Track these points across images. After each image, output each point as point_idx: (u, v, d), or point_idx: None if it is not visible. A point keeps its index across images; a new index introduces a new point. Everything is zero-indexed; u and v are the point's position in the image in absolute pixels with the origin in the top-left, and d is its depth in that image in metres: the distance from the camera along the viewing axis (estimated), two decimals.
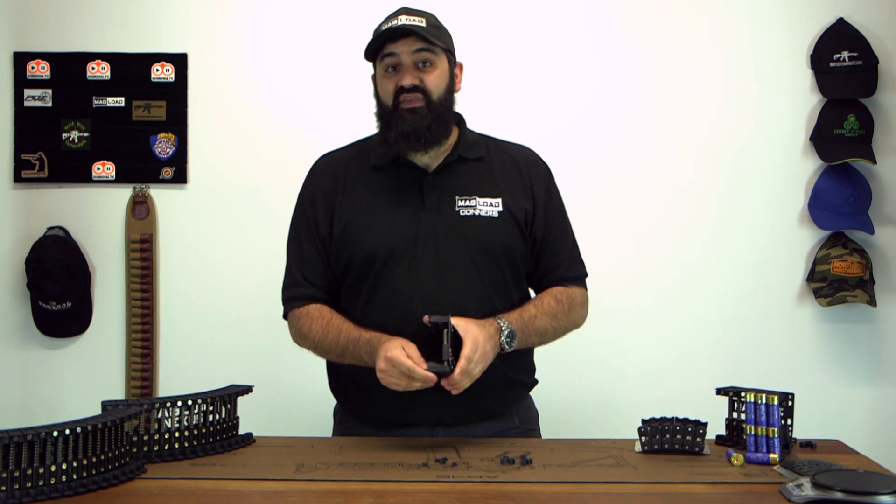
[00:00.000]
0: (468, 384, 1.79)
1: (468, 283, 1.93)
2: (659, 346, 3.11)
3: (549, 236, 2.03)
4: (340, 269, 1.99)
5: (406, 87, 1.90)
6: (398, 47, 1.90)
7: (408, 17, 1.92)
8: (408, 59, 1.91)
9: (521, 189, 2.02)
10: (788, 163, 3.12)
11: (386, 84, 1.94)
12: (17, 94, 3.05)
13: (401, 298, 1.91)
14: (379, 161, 2.00)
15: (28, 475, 1.46)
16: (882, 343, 3.13)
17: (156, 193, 3.08)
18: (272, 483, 1.61)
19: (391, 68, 1.92)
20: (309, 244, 2.01)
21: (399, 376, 1.77)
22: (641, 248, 3.11)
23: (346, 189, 2.00)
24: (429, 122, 1.91)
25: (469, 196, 1.97)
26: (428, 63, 1.92)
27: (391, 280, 1.92)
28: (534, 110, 3.08)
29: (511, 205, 1.98)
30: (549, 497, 1.56)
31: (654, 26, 3.10)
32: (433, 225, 1.94)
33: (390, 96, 1.93)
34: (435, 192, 1.97)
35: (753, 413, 1.78)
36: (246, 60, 3.08)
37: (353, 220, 1.97)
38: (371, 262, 1.93)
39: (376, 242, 1.93)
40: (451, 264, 1.93)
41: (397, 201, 1.96)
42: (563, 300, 2.01)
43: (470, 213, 1.96)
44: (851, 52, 3.07)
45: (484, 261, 1.95)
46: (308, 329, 1.98)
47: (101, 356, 3.07)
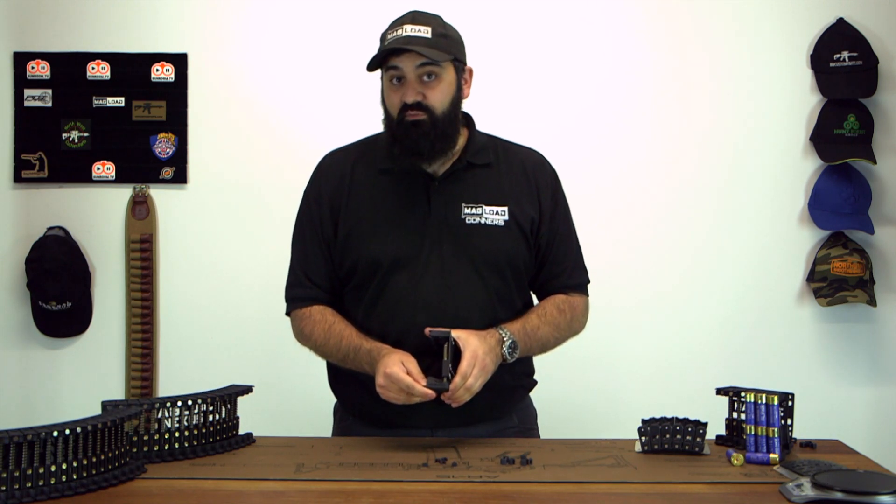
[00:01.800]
0: (469, 398, 1.80)
1: (472, 291, 1.92)
2: (659, 346, 3.11)
3: (553, 243, 2.03)
4: (344, 272, 1.98)
5: (409, 104, 1.88)
6: (401, 61, 1.87)
7: (413, 25, 1.88)
8: (411, 73, 1.88)
9: (528, 196, 2.01)
10: (788, 163, 3.12)
11: (392, 96, 1.92)
12: (17, 94, 3.05)
13: (404, 306, 1.91)
14: (386, 164, 1.98)
15: (28, 475, 1.46)
16: (882, 343, 3.13)
17: (156, 193, 3.08)
18: (272, 483, 1.61)
19: (396, 80, 1.90)
20: (313, 244, 2.00)
21: (398, 392, 1.78)
22: (641, 248, 3.11)
23: (353, 191, 1.98)
24: (432, 139, 1.89)
25: (475, 204, 1.96)
26: (433, 76, 1.89)
27: (395, 287, 1.92)
28: (533, 110, 3.08)
29: (517, 213, 1.98)
30: (549, 497, 1.56)
31: (653, 26, 3.10)
32: (439, 233, 1.93)
33: (396, 109, 1.91)
34: (441, 198, 1.95)
35: (753, 413, 1.77)
36: (246, 60, 3.08)
37: (358, 224, 1.96)
38: (376, 268, 1.93)
39: (382, 249, 1.92)
40: (455, 273, 1.92)
41: (404, 207, 1.95)
42: (565, 310, 2.01)
43: (476, 221, 1.95)
44: (851, 52, 3.07)
45: (488, 270, 1.94)
46: (310, 331, 1.98)
47: (101, 356, 3.07)
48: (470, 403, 1.84)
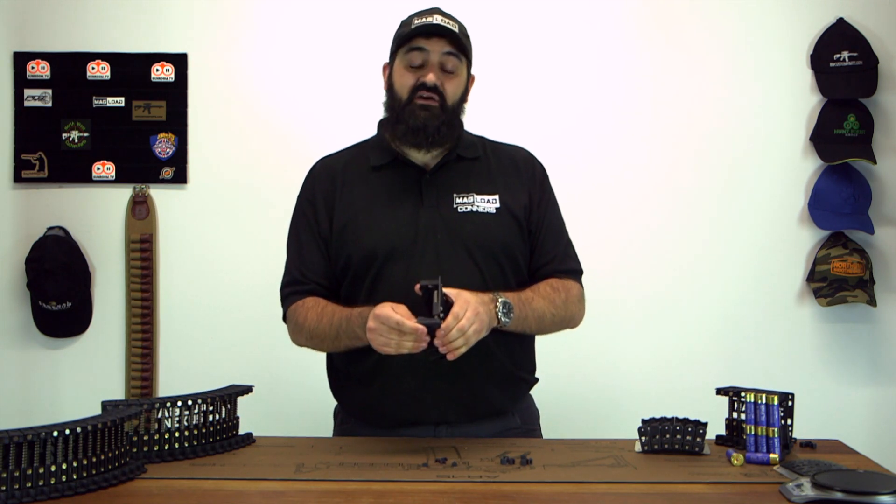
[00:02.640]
0: (462, 344, 1.73)
1: (468, 279, 1.92)
2: (659, 345, 3.11)
3: (542, 230, 2.04)
4: (340, 267, 1.99)
5: (428, 85, 1.91)
6: (430, 44, 1.92)
7: (443, 18, 1.95)
8: (436, 58, 1.93)
9: (519, 186, 2.03)
10: (788, 163, 3.12)
11: (406, 77, 1.94)
12: (17, 94, 3.04)
13: (401, 295, 1.89)
14: (378, 161, 2.02)
15: (28, 475, 1.46)
16: (882, 343, 3.13)
17: (156, 193, 3.08)
18: (272, 483, 1.61)
19: (415, 63, 1.94)
20: (309, 242, 2.01)
21: (388, 332, 1.72)
22: (641, 248, 3.11)
23: (345, 189, 2.01)
24: (439, 123, 1.92)
25: (467, 193, 1.98)
26: (453, 68, 1.95)
27: (391, 277, 1.93)
28: (533, 111, 3.08)
29: (509, 201, 2.00)
30: (549, 497, 1.56)
31: (653, 27, 3.10)
32: (432, 222, 1.95)
33: (407, 90, 1.94)
34: (433, 189, 1.98)
35: (753, 413, 1.78)
36: (246, 60, 3.08)
37: (352, 219, 1.98)
38: (371, 259, 1.94)
39: (376, 240, 1.94)
40: (450, 261, 1.93)
41: (396, 199, 1.97)
42: (559, 288, 2.00)
43: (468, 209, 1.97)
44: (851, 52, 3.07)
45: (483, 257, 1.95)
46: (304, 319, 1.96)
47: (101, 356, 3.07)
48: (473, 395, 1.86)
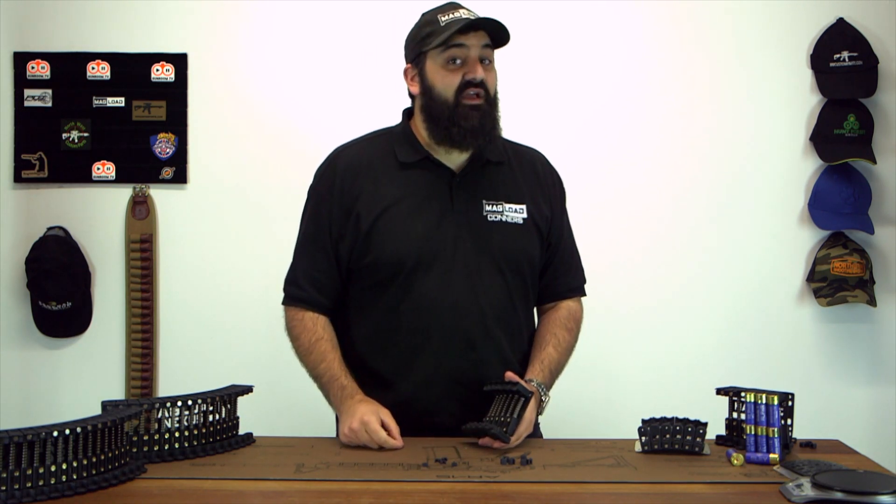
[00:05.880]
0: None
1: (496, 290, 1.92)
2: (659, 346, 3.11)
3: (559, 245, 2.04)
4: (362, 270, 1.93)
5: (476, 81, 1.86)
6: (469, 39, 1.86)
7: (467, 12, 1.90)
8: (476, 52, 1.87)
9: (542, 196, 2.02)
10: (788, 163, 3.12)
11: (450, 77, 1.87)
12: (17, 94, 3.05)
13: (432, 306, 1.89)
14: (406, 158, 1.95)
15: (28, 475, 1.46)
16: (882, 343, 3.13)
17: (156, 193, 3.08)
18: (272, 483, 1.61)
19: (456, 60, 1.87)
20: (318, 243, 1.97)
21: (367, 440, 1.80)
22: (641, 248, 3.11)
23: (372, 186, 1.93)
24: (490, 120, 1.89)
25: (496, 201, 1.95)
26: (489, 61, 1.90)
27: (423, 288, 1.89)
28: (532, 111, 3.07)
29: (534, 212, 1.98)
30: (549, 497, 1.56)
31: (652, 27, 3.10)
32: (459, 229, 1.92)
33: (453, 90, 1.87)
34: (463, 194, 1.94)
35: (753, 413, 1.77)
36: (246, 60, 3.08)
37: (379, 221, 1.91)
38: (399, 267, 1.89)
39: (405, 248, 1.89)
40: (479, 271, 1.91)
41: (425, 202, 1.92)
42: (572, 328, 2.05)
43: (497, 218, 1.94)
44: (851, 52, 3.07)
45: (509, 269, 1.94)
46: (297, 335, 1.99)
47: (101, 356, 3.07)
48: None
